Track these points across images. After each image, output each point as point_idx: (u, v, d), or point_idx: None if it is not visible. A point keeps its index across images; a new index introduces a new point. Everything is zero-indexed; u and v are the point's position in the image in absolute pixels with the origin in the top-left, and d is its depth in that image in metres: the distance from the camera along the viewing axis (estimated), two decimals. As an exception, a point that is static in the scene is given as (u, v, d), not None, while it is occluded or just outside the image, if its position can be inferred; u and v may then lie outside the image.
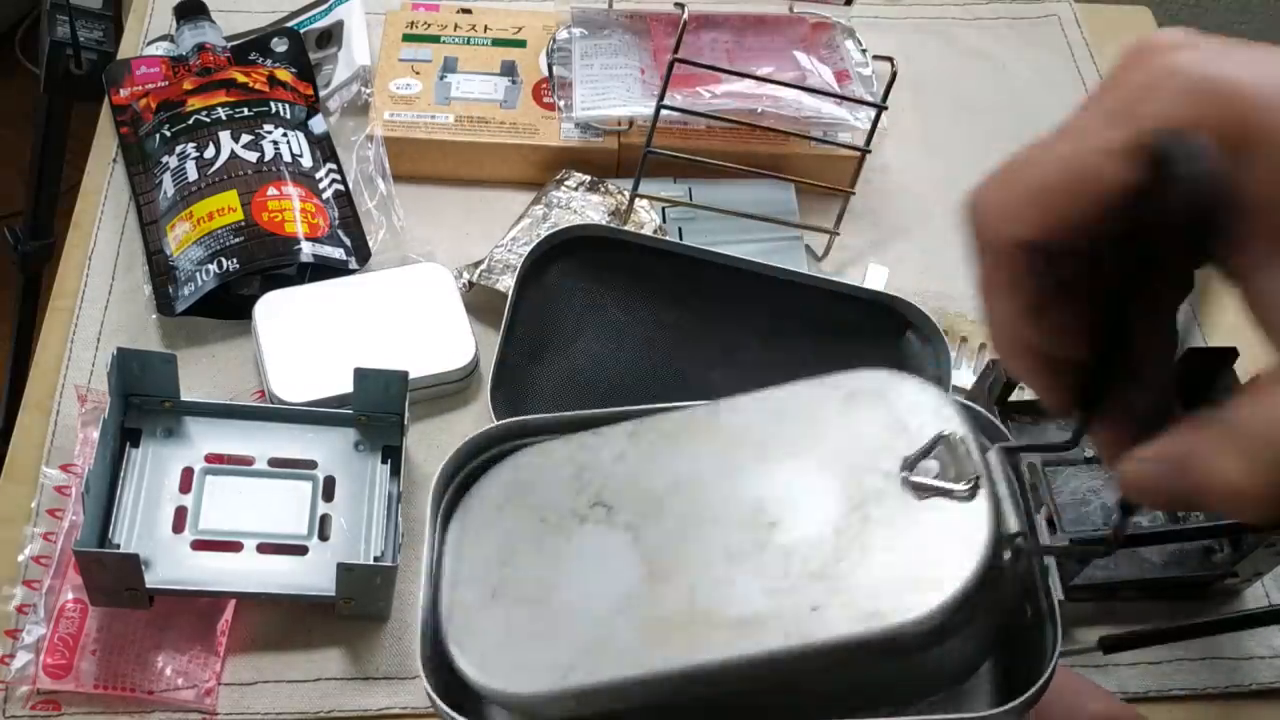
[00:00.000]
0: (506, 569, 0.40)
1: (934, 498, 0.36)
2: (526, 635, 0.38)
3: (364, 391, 0.62)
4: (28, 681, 0.56)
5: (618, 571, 0.38)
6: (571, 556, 0.39)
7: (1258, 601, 0.64)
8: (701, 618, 0.36)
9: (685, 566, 0.37)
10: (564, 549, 0.39)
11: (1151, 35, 0.27)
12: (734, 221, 0.73)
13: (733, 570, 0.36)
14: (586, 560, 0.39)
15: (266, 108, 0.76)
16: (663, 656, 0.36)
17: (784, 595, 0.35)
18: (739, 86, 0.76)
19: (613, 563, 0.38)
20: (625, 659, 0.36)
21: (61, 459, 0.63)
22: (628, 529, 0.39)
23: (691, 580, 0.37)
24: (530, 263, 0.66)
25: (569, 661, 0.37)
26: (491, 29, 0.83)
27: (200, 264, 0.69)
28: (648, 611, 0.37)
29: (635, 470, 0.40)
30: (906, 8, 0.93)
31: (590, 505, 0.40)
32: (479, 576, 0.40)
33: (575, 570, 0.39)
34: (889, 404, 0.38)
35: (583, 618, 0.37)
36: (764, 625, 0.35)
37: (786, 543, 0.36)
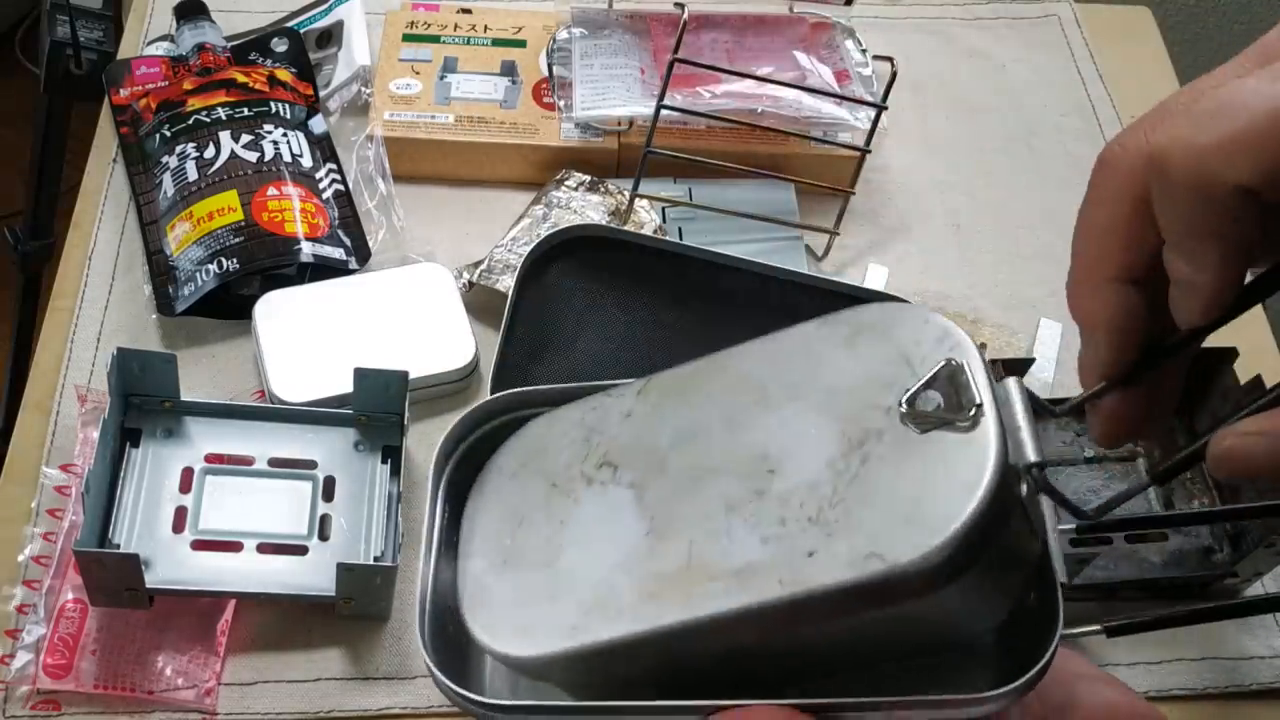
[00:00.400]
0: (517, 536, 0.40)
1: (937, 430, 0.34)
2: (533, 598, 0.38)
3: (364, 391, 0.62)
4: (28, 681, 0.56)
5: (621, 531, 0.38)
6: (578, 519, 0.39)
7: (1258, 601, 0.64)
8: (698, 571, 0.35)
9: (685, 521, 0.37)
10: (571, 512, 0.39)
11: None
12: (734, 221, 0.73)
13: (730, 521, 0.36)
14: (592, 522, 0.39)
15: (266, 108, 0.76)
16: (659, 612, 0.35)
17: (779, 542, 0.34)
18: (739, 86, 0.76)
19: (616, 522, 0.38)
20: (624, 616, 0.36)
21: (61, 459, 0.63)
22: (631, 487, 0.39)
23: (690, 535, 0.36)
24: (530, 263, 0.66)
25: (573, 622, 0.37)
26: (491, 29, 0.83)
27: (200, 264, 0.69)
28: (647, 568, 0.36)
29: (641, 427, 0.40)
30: (906, 8, 0.93)
31: (597, 466, 0.40)
32: (491, 546, 0.41)
33: (581, 532, 0.39)
34: (893, 337, 0.36)
35: (586, 578, 0.37)
36: (759, 574, 0.34)
37: (785, 489, 0.35)
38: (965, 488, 0.32)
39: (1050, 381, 0.71)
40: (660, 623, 0.35)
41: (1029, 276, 0.77)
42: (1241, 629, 0.63)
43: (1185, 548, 0.61)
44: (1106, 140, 0.93)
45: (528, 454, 0.43)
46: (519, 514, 0.41)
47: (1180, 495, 0.63)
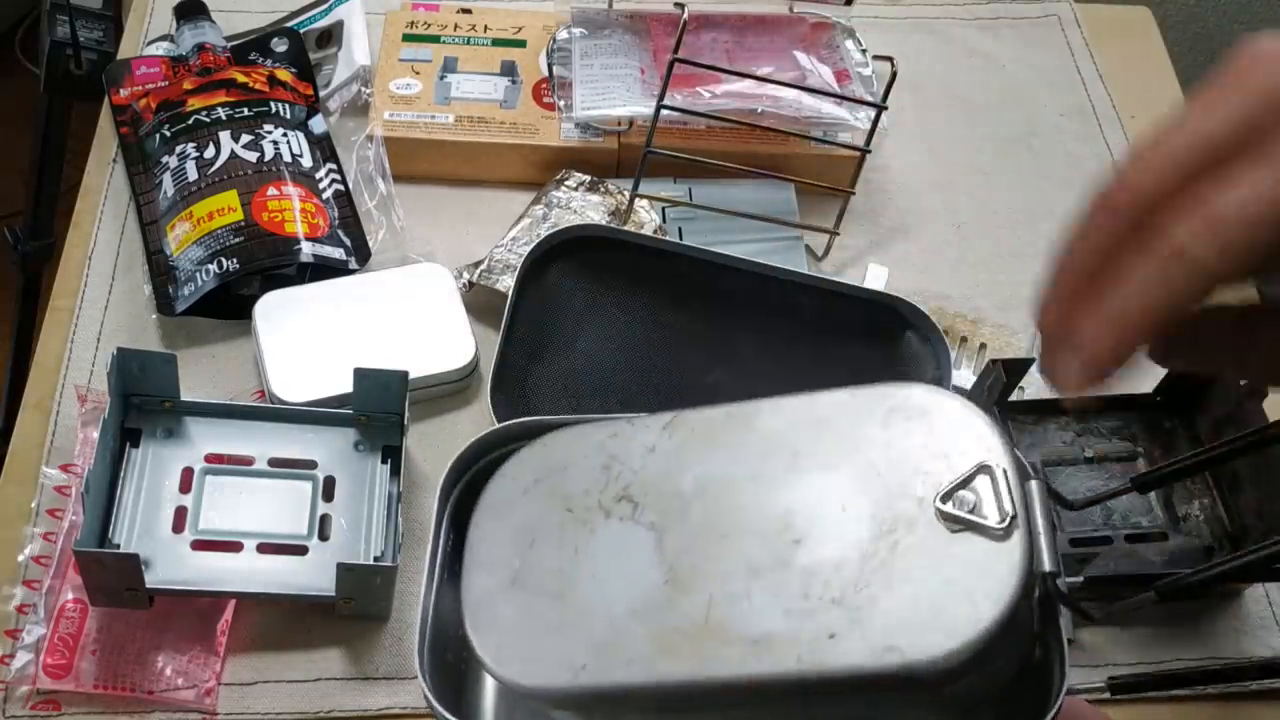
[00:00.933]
0: (528, 556, 0.40)
1: (967, 532, 0.35)
2: (543, 627, 0.38)
3: (364, 391, 0.62)
4: (28, 681, 0.56)
5: (638, 573, 0.38)
6: (593, 551, 0.39)
7: (1257, 602, 0.64)
8: (716, 631, 0.36)
9: (705, 576, 0.37)
10: (586, 542, 0.39)
11: None
12: (734, 221, 0.73)
13: (752, 585, 0.36)
14: (608, 557, 0.39)
15: (266, 108, 0.76)
16: (672, 667, 0.35)
17: (801, 618, 0.35)
18: (739, 86, 0.76)
19: (634, 563, 0.38)
20: (636, 665, 0.36)
21: (61, 459, 0.63)
22: (652, 529, 0.39)
23: (710, 591, 0.36)
24: (530, 263, 0.66)
25: (582, 660, 0.37)
26: (491, 29, 0.83)
27: (200, 264, 0.69)
28: (663, 619, 0.37)
29: (665, 466, 0.40)
30: (906, 8, 0.93)
31: (616, 500, 0.40)
32: (500, 561, 0.41)
33: (596, 566, 0.39)
34: (931, 424, 0.37)
35: (599, 617, 0.38)
36: (777, 647, 0.34)
37: (810, 563, 0.36)
38: (990, 598, 0.33)
39: (1050, 381, 0.71)
40: (671, 678, 0.35)
41: (1029, 276, 0.77)
42: (1241, 630, 0.63)
43: (1185, 547, 0.61)
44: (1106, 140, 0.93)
45: (544, 470, 0.42)
46: (531, 533, 0.41)
47: (1180, 496, 0.63)
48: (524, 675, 0.38)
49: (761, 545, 0.37)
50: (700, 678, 0.35)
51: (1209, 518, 0.62)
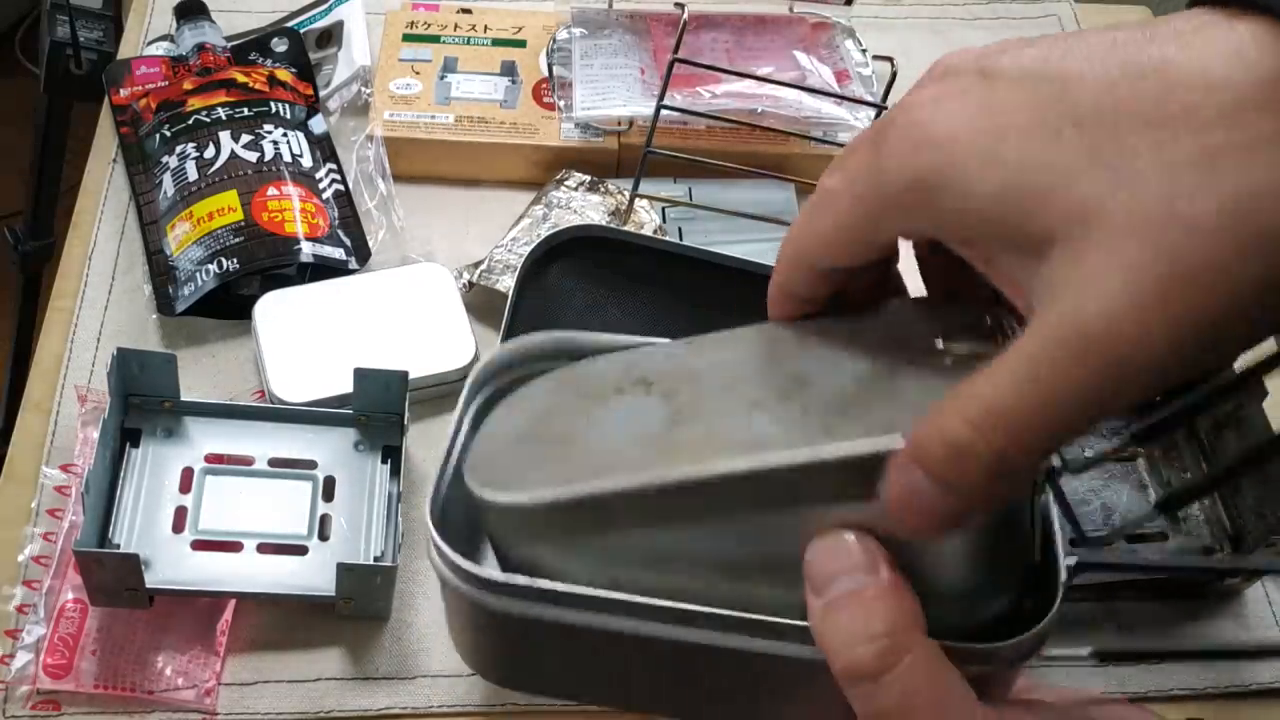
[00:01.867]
0: (539, 424, 0.41)
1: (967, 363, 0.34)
2: (542, 462, 0.39)
3: (364, 391, 0.62)
4: (28, 681, 0.56)
5: (642, 421, 0.38)
6: (603, 416, 0.39)
7: (1257, 602, 0.64)
8: (713, 442, 0.36)
9: (707, 415, 0.37)
10: (597, 411, 0.40)
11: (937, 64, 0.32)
12: (734, 221, 0.73)
13: (753, 414, 0.36)
14: (618, 416, 0.39)
15: (266, 108, 0.76)
16: (666, 468, 0.35)
17: (800, 426, 0.35)
18: (739, 86, 0.76)
19: (639, 416, 0.38)
20: (629, 471, 0.36)
21: (61, 459, 0.63)
22: (663, 395, 0.39)
23: (711, 421, 0.37)
24: (530, 263, 0.66)
25: (571, 476, 0.37)
26: (491, 29, 0.83)
27: (200, 264, 0.69)
28: (660, 442, 0.37)
29: (681, 360, 0.41)
30: (906, 8, 0.93)
31: (632, 383, 0.40)
32: (510, 428, 0.41)
33: (605, 422, 0.39)
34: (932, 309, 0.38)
35: (599, 451, 0.38)
36: (774, 445, 0.34)
37: (811, 395, 0.36)
38: None
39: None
40: (664, 478, 0.35)
41: (1029, 276, 0.77)
42: (1241, 629, 0.63)
43: (1185, 547, 0.61)
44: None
45: (565, 378, 0.43)
46: (544, 413, 0.41)
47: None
48: (508, 495, 0.37)
49: (765, 391, 0.37)
50: (692, 474, 0.35)
51: (1209, 518, 0.62)
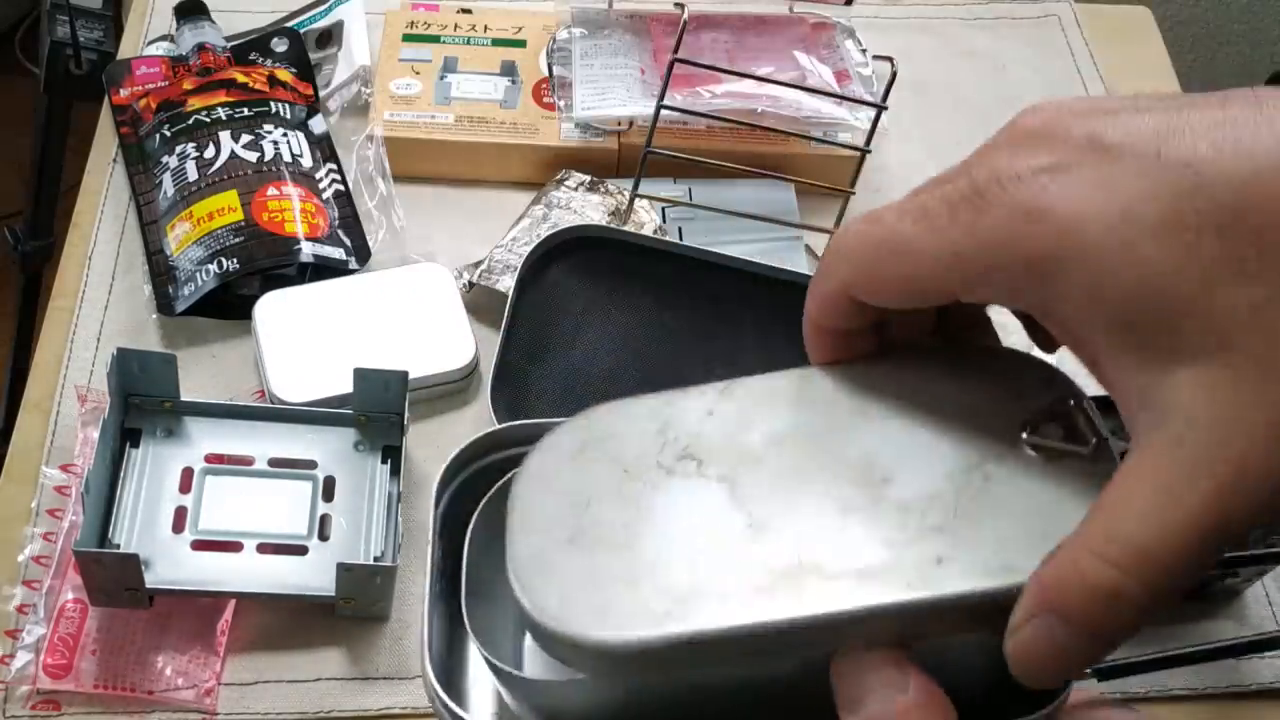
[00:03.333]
0: (585, 516, 0.36)
1: (1059, 460, 0.33)
2: (611, 581, 0.34)
3: (364, 391, 0.62)
4: (28, 681, 0.56)
5: (713, 521, 0.34)
6: (660, 505, 0.35)
7: (1257, 602, 0.64)
8: (812, 568, 0.33)
9: (790, 518, 0.34)
10: (650, 498, 0.36)
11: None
12: (734, 221, 0.73)
13: (844, 521, 0.33)
14: (677, 509, 0.35)
15: (266, 108, 0.76)
16: (770, 606, 0.32)
17: (904, 547, 0.32)
18: (739, 86, 0.76)
19: (706, 513, 0.35)
20: (728, 607, 0.32)
21: (61, 459, 0.63)
22: (722, 480, 0.35)
23: (798, 532, 0.33)
24: (530, 263, 0.66)
25: (664, 608, 0.33)
26: (491, 29, 0.83)
27: (200, 264, 0.69)
28: (750, 559, 0.33)
29: (726, 426, 0.37)
30: (906, 8, 0.93)
31: (678, 458, 0.36)
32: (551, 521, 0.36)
33: (665, 519, 0.35)
34: (1002, 371, 0.36)
35: (677, 566, 0.34)
36: (883, 577, 0.32)
37: (902, 498, 0.33)
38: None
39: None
40: (770, 617, 0.32)
41: (1029, 276, 0.77)
42: (1241, 629, 0.63)
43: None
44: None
45: (591, 438, 0.38)
46: (585, 496, 0.36)
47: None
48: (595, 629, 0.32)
49: (845, 486, 0.34)
50: (802, 615, 0.32)
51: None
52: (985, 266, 0.29)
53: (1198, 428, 0.26)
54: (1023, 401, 0.34)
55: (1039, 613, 0.28)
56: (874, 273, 0.33)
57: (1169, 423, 0.27)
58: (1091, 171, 0.27)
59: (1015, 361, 0.36)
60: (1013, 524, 0.32)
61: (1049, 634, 0.28)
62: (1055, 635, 0.28)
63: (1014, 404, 0.34)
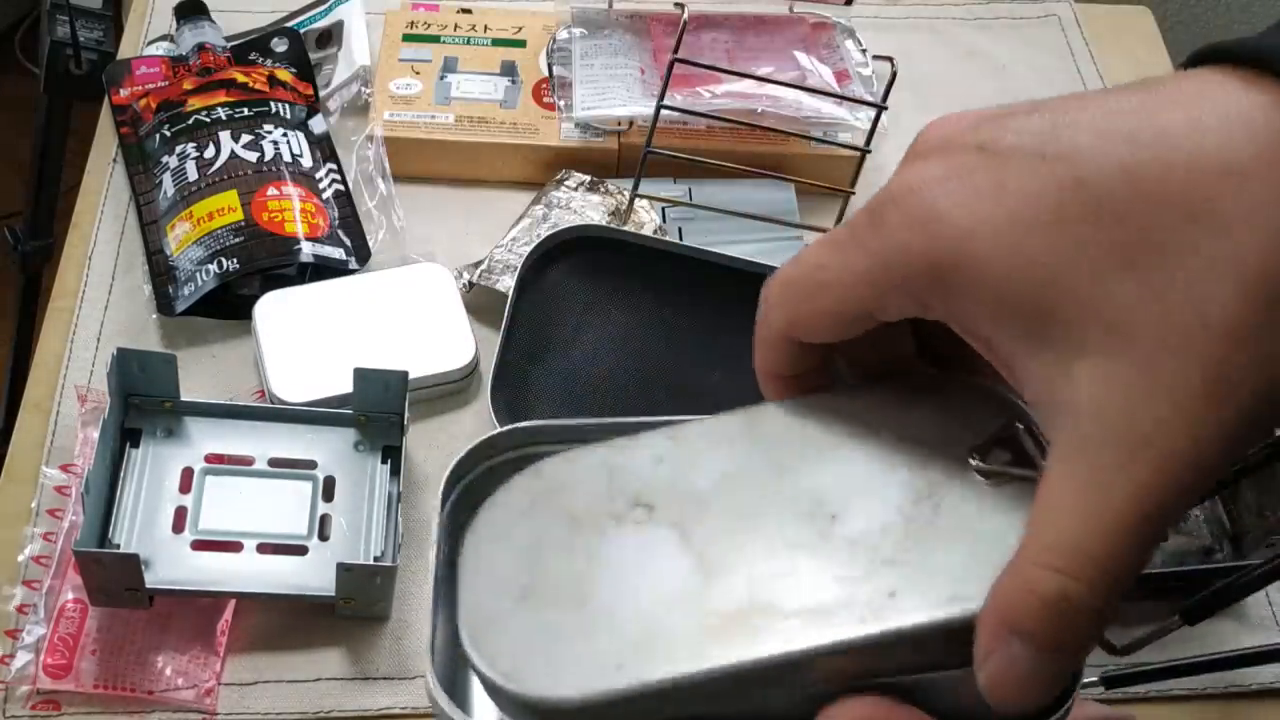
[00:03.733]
0: (535, 572, 0.36)
1: (1008, 484, 0.33)
2: (563, 636, 0.34)
3: (364, 391, 0.62)
4: (28, 681, 0.56)
5: (664, 568, 0.34)
6: (610, 555, 0.35)
7: (1257, 601, 0.64)
8: (764, 609, 0.33)
9: (740, 560, 0.34)
10: (601, 549, 0.36)
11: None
12: (734, 221, 0.73)
13: (794, 561, 0.33)
14: (627, 558, 0.35)
15: (266, 108, 0.76)
16: (723, 650, 0.32)
17: (855, 584, 0.32)
18: (739, 86, 0.76)
19: (657, 560, 0.35)
20: (680, 654, 0.33)
21: (61, 459, 0.63)
22: (672, 527, 0.35)
23: (749, 572, 0.34)
24: (530, 263, 0.66)
25: (616, 660, 0.33)
26: (491, 29, 0.83)
27: (200, 264, 0.69)
28: (702, 605, 0.33)
29: (675, 471, 0.37)
30: (906, 8, 0.93)
31: (628, 507, 0.36)
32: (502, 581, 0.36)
33: (616, 569, 0.35)
34: (949, 399, 0.36)
35: (628, 615, 0.34)
36: (836, 614, 0.32)
37: (852, 533, 0.33)
38: None
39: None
40: (724, 661, 0.32)
41: (1029, 276, 0.77)
42: (1241, 629, 0.63)
43: (1185, 548, 0.61)
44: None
45: (541, 491, 0.38)
46: (535, 550, 0.36)
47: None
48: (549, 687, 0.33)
49: (795, 524, 0.34)
50: (757, 657, 0.32)
51: (1209, 518, 0.62)
52: (890, 282, 0.30)
53: (1109, 422, 0.26)
54: (971, 427, 0.35)
55: (1001, 637, 0.28)
56: (801, 311, 0.33)
57: (1081, 420, 0.27)
58: (982, 176, 0.28)
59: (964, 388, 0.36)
60: (963, 552, 0.32)
61: (1014, 658, 0.28)
62: (1020, 657, 0.28)
63: (962, 430, 0.35)
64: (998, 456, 0.34)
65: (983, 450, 0.34)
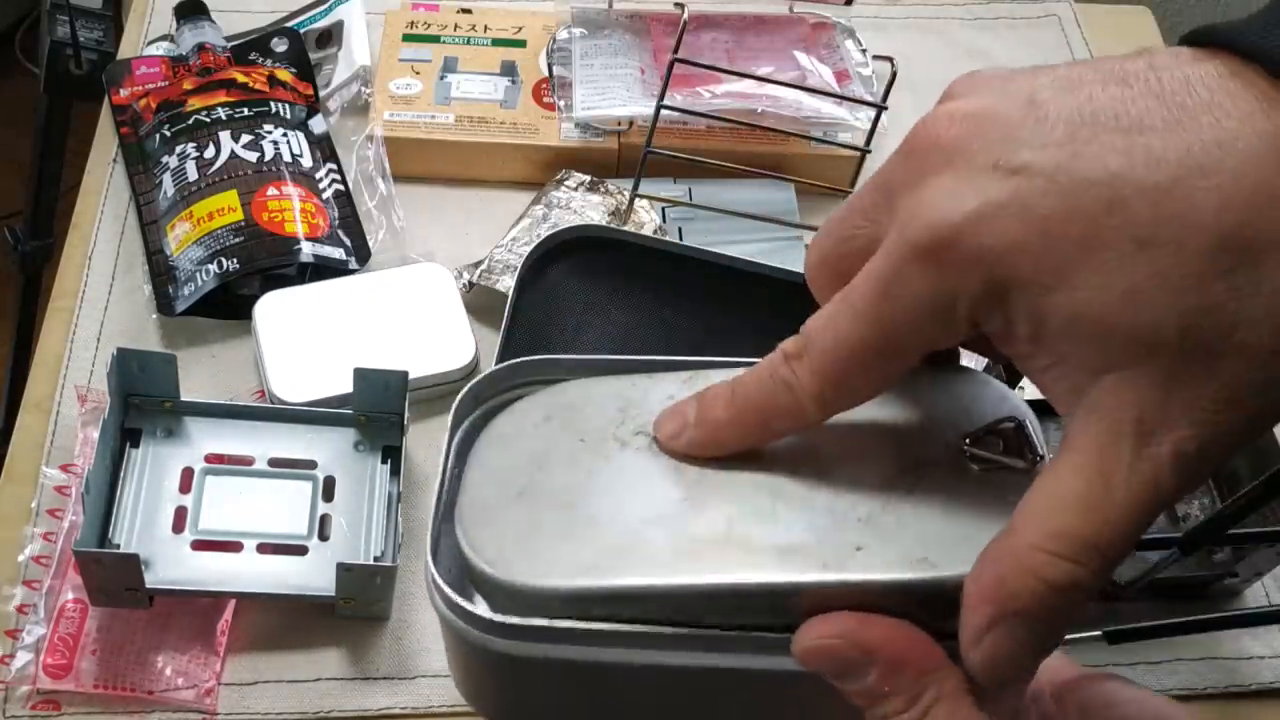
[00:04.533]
0: (536, 475, 0.38)
1: (994, 470, 0.35)
2: (549, 533, 0.36)
3: (364, 391, 0.62)
4: (28, 681, 0.56)
5: (654, 492, 0.37)
6: (608, 472, 0.38)
7: (1257, 601, 0.64)
8: (738, 540, 0.35)
9: (726, 497, 0.36)
10: (601, 466, 0.38)
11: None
12: (734, 221, 0.73)
13: (775, 504, 0.35)
14: (623, 478, 0.37)
15: (266, 108, 0.76)
16: (692, 569, 0.34)
17: (827, 532, 0.34)
18: (739, 86, 0.76)
19: (650, 483, 0.37)
20: (651, 566, 0.35)
21: (61, 459, 0.63)
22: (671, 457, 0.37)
23: (730, 511, 0.36)
24: (530, 263, 0.66)
25: (591, 561, 0.35)
26: (491, 29, 0.83)
27: (200, 264, 0.69)
28: (682, 529, 0.35)
29: None
30: (906, 8, 0.93)
31: (633, 433, 0.38)
32: (503, 478, 0.39)
33: (609, 485, 0.37)
34: (956, 388, 0.37)
35: (611, 525, 0.36)
36: (803, 556, 0.34)
37: (835, 490, 0.35)
38: None
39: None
40: (692, 580, 0.34)
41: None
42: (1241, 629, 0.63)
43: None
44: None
45: (555, 408, 0.41)
46: (539, 458, 0.39)
47: (1180, 495, 0.63)
48: (524, 574, 0.35)
49: (784, 473, 0.36)
50: (721, 581, 0.34)
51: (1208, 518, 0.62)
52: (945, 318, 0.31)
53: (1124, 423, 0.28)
54: (971, 415, 0.36)
55: (998, 619, 0.29)
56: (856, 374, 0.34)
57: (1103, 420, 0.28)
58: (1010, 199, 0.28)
59: (970, 379, 0.37)
60: (937, 524, 0.33)
61: (1013, 637, 0.29)
62: (1019, 636, 0.29)
63: (961, 417, 0.36)
64: (990, 445, 0.35)
65: (976, 437, 0.35)
